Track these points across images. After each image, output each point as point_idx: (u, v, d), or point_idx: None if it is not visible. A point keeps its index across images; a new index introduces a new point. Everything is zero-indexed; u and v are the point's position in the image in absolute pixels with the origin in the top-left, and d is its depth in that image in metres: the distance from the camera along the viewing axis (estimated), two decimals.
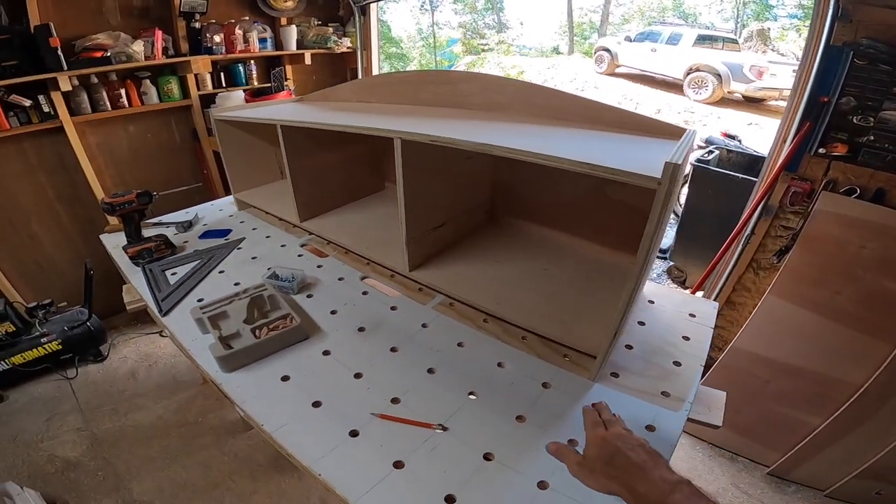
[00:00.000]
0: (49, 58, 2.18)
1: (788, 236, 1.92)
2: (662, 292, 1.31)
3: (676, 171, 0.69)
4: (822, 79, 1.72)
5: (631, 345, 1.07)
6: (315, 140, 1.53)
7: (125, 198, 1.50)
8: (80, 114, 2.45)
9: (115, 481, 2.04)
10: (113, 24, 2.52)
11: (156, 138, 2.88)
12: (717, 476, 2.06)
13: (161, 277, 1.44)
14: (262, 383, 0.99)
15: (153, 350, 2.92)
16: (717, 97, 8.58)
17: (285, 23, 3.16)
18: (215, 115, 1.71)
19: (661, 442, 0.81)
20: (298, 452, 0.82)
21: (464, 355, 1.05)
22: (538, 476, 0.76)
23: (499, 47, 14.56)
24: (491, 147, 0.91)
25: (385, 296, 1.29)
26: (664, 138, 1.02)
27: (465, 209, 1.46)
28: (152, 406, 2.47)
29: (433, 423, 0.86)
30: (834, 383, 1.82)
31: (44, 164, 2.55)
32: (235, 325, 1.11)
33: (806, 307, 1.84)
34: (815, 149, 1.79)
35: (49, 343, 2.52)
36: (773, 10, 12.35)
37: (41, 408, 2.46)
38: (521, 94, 1.30)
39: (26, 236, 2.65)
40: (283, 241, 1.62)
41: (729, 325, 2.26)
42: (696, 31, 9.48)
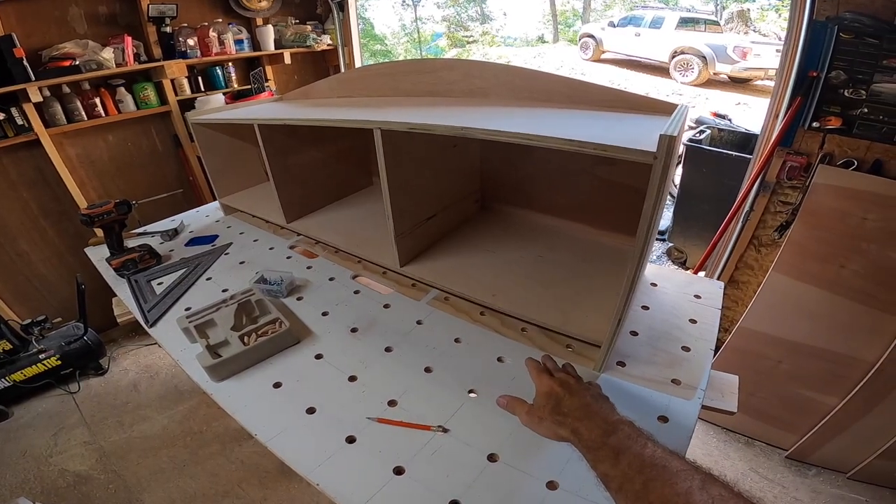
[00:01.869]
0: (15, 69, 2.12)
1: (788, 211, 1.89)
2: (664, 274, 1.27)
3: (672, 144, 0.64)
4: (809, 54, 1.72)
5: (636, 331, 1.03)
6: (297, 138, 1.48)
7: (103, 208, 1.45)
8: (56, 125, 2.38)
9: (127, 494, 2.04)
10: (80, 32, 2.45)
11: (136, 146, 2.81)
12: (735, 462, 2.03)
13: (147, 288, 1.39)
14: (254, 391, 0.95)
15: (153, 361, 2.90)
16: (704, 79, 8.60)
17: (261, 23, 3.09)
18: (192, 118, 1.66)
19: (675, 432, 0.78)
20: (295, 462, 0.79)
21: (462, 351, 1.01)
22: (547, 476, 0.73)
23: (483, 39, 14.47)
24: (473, 131, 0.87)
25: (377, 294, 1.25)
26: (654, 114, 0.98)
27: (455, 199, 1.41)
28: (157, 417, 2.47)
29: (433, 425, 0.82)
30: (847, 361, 1.79)
31: (24, 179, 2.49)
32: (223, 333, 1.07)
33: (811, 283, 1.81)
34: (809, 123, 1.78)
35: (47, 359, 2.52)
36: None
37: (47, 423, 2.47)
38: (502, 78, 1.26)
39: (14, 254, 2.60)
40: (271, 244, 1.58)
41: (734, 304, 2.23)
42: (678, 14, 9.45)
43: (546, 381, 0.71)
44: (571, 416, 0.63)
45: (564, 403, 0.66)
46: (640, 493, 0.48)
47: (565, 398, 0.66)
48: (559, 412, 0.65)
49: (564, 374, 0.73)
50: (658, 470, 0.48)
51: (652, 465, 0.49)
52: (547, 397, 0.68)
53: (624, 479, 0.50)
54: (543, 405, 0.68)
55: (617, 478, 0.51)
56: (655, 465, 0.49)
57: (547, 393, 0.69)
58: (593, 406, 0.63)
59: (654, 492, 0.47)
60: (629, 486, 0.49)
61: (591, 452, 0.57)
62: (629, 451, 0.52)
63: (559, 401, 0.66)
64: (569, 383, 0.69)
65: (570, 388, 0.68)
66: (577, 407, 0.64)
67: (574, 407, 0.64)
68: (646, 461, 0.50)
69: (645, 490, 0.48)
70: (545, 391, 0.70)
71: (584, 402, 0.64)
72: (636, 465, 0.50)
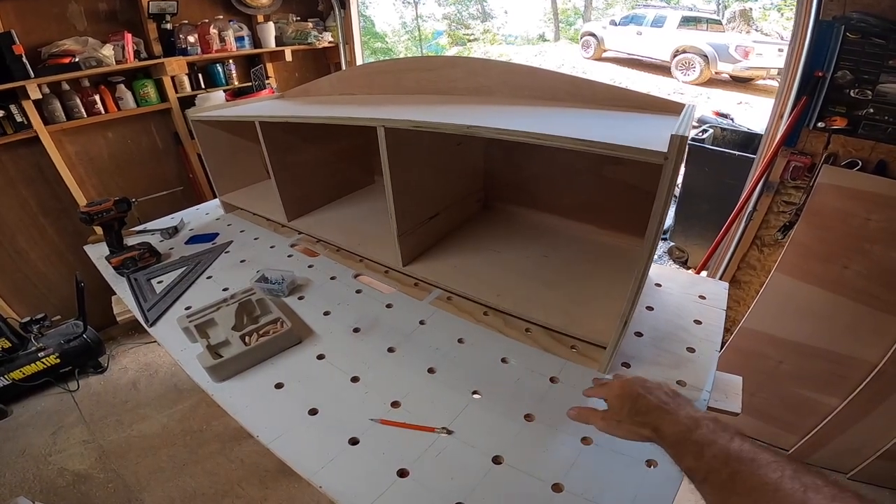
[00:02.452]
0: (15, 66, 2.11)
1: (791, 211, 1.88)
2: (668, 274, 1.26)
3: (684, 145, 0.64)
4: (815, 54, 1.71)
5: (641, 332, 1.02)
6: (298, 136, 1.47)
7: (102, 206, 1.44)
8: (55, 122, 2.37)
9: (126, 493, 2.03)
10: (79, 29, 2.43)
11: (136, 144, 2.80)
12: None
13: (146, 286, 1.38)
14: (255, 392, 0.94)
15: (153, 359, 2.89)
16: (705, 78, 8.57)
17: (262, 20, 3.07)
18: (192, 116, 1.65)
19: None
20: (297, 464, 0.78)
21: (465, 352, 1.00)
22: (552, 478, 0.72)
23: (484, 37, 14.42)
24: (480, 129, 0.85)
25: (380, 293, 1.24)
26: (660, 114, 0.97)
27: (458, 198, 1.40)
28: (156, 416, 2.46)
29: (437, 427, 0.81)
30: (849, 361, 1.78)
31: (23, 176, 2.47)
32: (224, 333, 1.06)
33: (814, 283, 1.80)
34: (814, 123, 1.76)
35: (46, 357, 2.50)
36: None
37: (46, 421, 2.45)
38: (506, 77, 1.25)
39: (13, 252, 2.59)
40: (272, 243, 1.57)
41: (736, 304, 2.22)
42: (680, 13, 9.41)
43: (617, 385, 0.71)
44: (651, 414, 0.63)
45: (641, 403, 0.65)
46: (726, 483, 0.48)
47: (641, 398, 0.66)
48: (637, 412, 0.65)
49: (633, 377, 0.73)
50: (745, 462, 0.48)
51: (739, 458, 0.49)
52: (622, 399, 0.68)
53: (709, 471, 0.51)
54: (620, 408, 0.68)
55: (702, 470, 0.52)
56: (742, 458, 0.49)
57: (621, 395, 0.69)
58: (671, 404, 0.63)
59: (742, 482, 0.47)
60: (715, 476, 0.50)
61: (674, 448, 0.57)
62: (714, 444, 0.52)
63: (635, 401, 0.66)
64: (643, 383, 0.69)
65: (646, 387, 0.67)
66: (656, 406, 0.63)
67: (652, 406, 0.64)
68: (732, 454, 0.50)
69: (732, 480, 0.48)
70: (618, 394, 0.69)
71: (661, 401, 0.64)
72: (722, 458, 0.50)
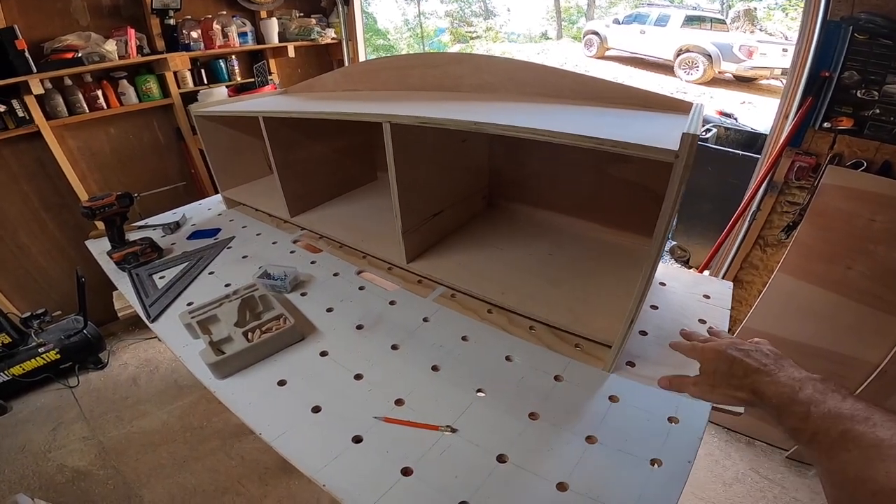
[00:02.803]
0: (17, 61, 2.10)
1: (795, 212, 1.88)
2: (672, 273, 1.25)
3: (695, 143, 0.63)
4: (822, 54, 1.71)
5: (645, 331, 1.02)
6: (301, 131, 1.46)
7: (104, 201, 1.43)
8: (57, 117, 2.37)
9: (126, 489, 2.03)
10: (83, 24, 2.43)
11: (138, 139, 2.80)
12: (736, 461, 2.02)
13: (148, 282, 1.38)
14: (258, 389, 0.94)
15: (153, 355, 2.89)
16: (709, 77, 8.56)
17: (265, 16, 3.07)
18: (195, 111, 1.64)
19: (685, 433, 0.77)
20: (300, 462, 0.77)
21: (469, 350, 1.00)
22: (557, 477, 0.71)
23: (487, 34, 14.38)
24: (486, 126, 0.85)
25: (383, 290, 1.23)
26: (668, 112, 0.97)
27: (463, 196, 1.40)
28: (156, 412, 2.45)
29: (441, 425, 0.81)
30: (850, 362, 1.78)
31: (25, 171, 2.47)
32: (227, 329, 1.05)
33: (817, 283, 1.80)
34: (820, 123, 1.76)
35: (47, 353, 2.50)
36: None
37: (46, 417, 2.45)
38: (512, 73, 1.24)
39: (14, 247, 2.59)
40: (274, 238, 1.56)
41: (738, 304, 2.21)
42: (684, 12, 9.39)
43: (710, 349, 0.68)
44: (749, 377, 0.61)
45: (738, 366, 0.62)
46: (836, 441, 0.46)
47: (738, 362, 0.63)
48: (734, 375, 0.63)
49: (727, 338, 0.70)
50: (859, 421, 0.46)
51: (851, 417, 0.47)
52: (716, 363, 0.66)
53: (816, 431, 0.49)
54: (713, 372, 0.66)
55: (808, 430, 0.50)
56: (855, 417, 0.47)
57: (715, 359, 0.66)
58: (770, 365, 0.60)
59: (853, 440, 0.45)
60: (824, 437, 0.48)
61: (777, 410, 0.56)
62: (823, 404, 0.50)
63: (731, 364, 0.63)
64: (738, 346, 0.66)
65: (742, 350, 0.64)
66: (755, 369, 0.61)
67: (751, 369, 0.61)
68: (843, 413, 0.48)
69: (843, 439, 0.46)
70: (712, 357, 0.67)
71: (760, 363, 0.61)
72: (832, 417, 0.48)
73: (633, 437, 0.77)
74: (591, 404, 0.84)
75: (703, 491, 1.91)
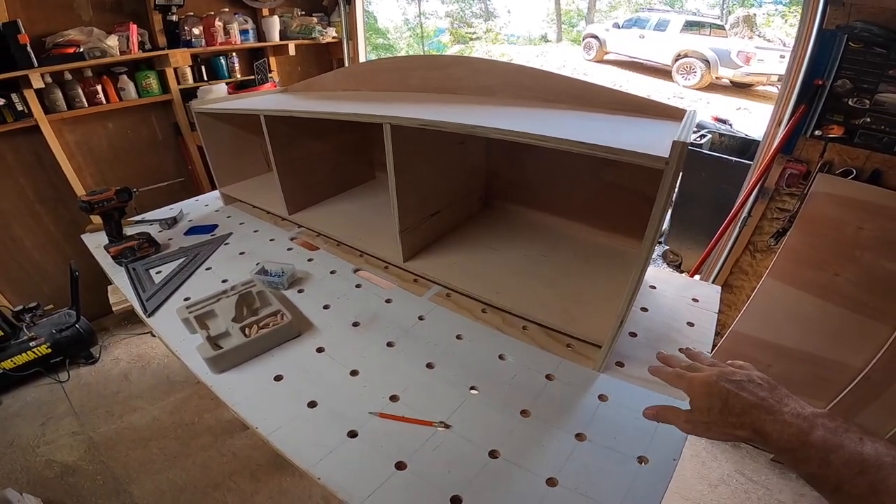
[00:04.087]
0: (19, 55, 2.10)
1: (785, 218, 1.91)
2: (662, 277, 1.28)
3: (685, 151, 0.65)
4: (816, 62, 1.74)
5: (635, 332, 1.04)
6: (301, 130, 1.48)
7: (103, 195, 1.44)
8: (56, 111, 2.36)
9: (115, 485, 2.02)
10: (85, 19, 2.42)
11: (136, 134, 2.79)
12: (721, 463, 2.05)
13: (145, 277, 1.38)
14: (255, 384, 0.95)
15: (145, 350, 2.86)
16: (706, 83, 8.60)
17: (267, 14, 3.07)
18: (196, 107, 1.65)
19: (670, 434, 0.78)
20: (296, 456, 0.79)
21: (463, 348, 1.02)
22: (547, 472, 0.73)
23: (486, 36, 14.40)
24: (485, 129, 0.87)
25: (379, 288, 1.25)
26: (661, 119, 0.99)
27: (460, 196, 1.42)
28: (147, 408, 2.44)
29: (435, 421, 0.83)
30: (835, 366, 1.81)
31: (21, 164, 2.46)
32: (224, 324, 1.07)
33: (804, 289, 1.83)
34: (811, 131, 1.79)
35: (38, 346, 2.48)
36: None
37: (35, 412, 2.43)
38: (511, 77, 1.26)
39: (8, 239, 2.58)
40: (271, 235, 1.57)
41: (727, 308, 2.25)
42: (684, 18, 9.45)
43: (700, 381, 0.61)
44: (748, 415, 0.55)
45: (734, 402, 0.56)
46: (866, 494, 0.43)
47: (733, 396, 0.57)
48: (731, 412, 0.56)
49: (717, 369, 0.62)
50: (887, 469, 0.43)
51: (878, 465, 0.43)
52: (709, 399, 0.59)
53: (842, 481, 0.45)
54: (707, 408, 0.59)
55: (831, 479, 0.46)
56: (882, 465, 0.43)
57: (706, 393, 0.59)
58: (769, 399, 0.55)
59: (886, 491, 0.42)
60: (851, 487, 0.44)
61: (787, 454, 0.51)
62: (842, 448, 0.46)
63: (726, 399, 0.57)
64: (729, 377, 0.59)
65: (735, 382, 0.58)
66: (752, 404, 0.55)
67: (748, 405, 0.55)
68: (868, 460, 0.44)
69: (875, 491, 0.43)
70: (702, 391, 0.60)
71: (758, 397, 0.55)
72: (856, 465, 0.45)
73: (621, 435, 0.79)
74: (581, 403, 0.86)
75: (689, 492, 1.93)
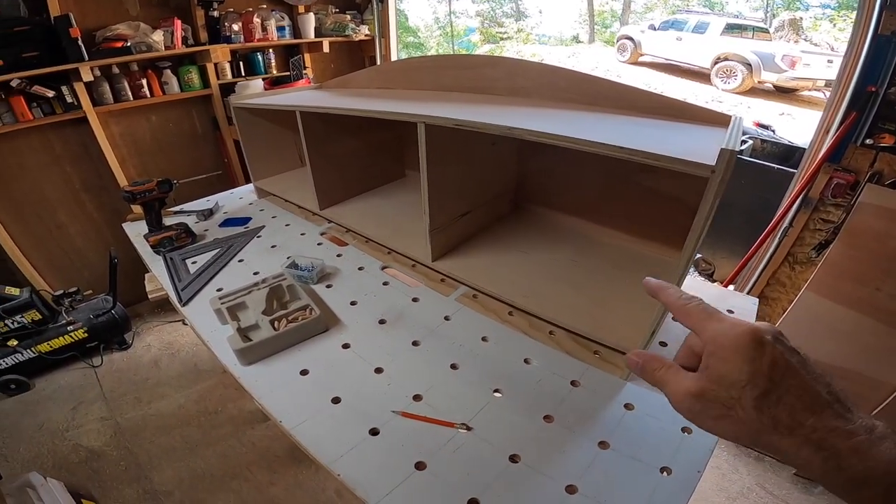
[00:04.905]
0: (70, 49, 2.19)
1: (828, 230, 1.83)
2: (696, 286, 1.24)
3: (733, 159, 0.63)
4: (870, 68, 1.68)
5: (665, 342, 1.01)
6: (335, 126, 1.49)
7: (145, 186, 1.49)
8: (103, 104, 2.47)
9: (137, 471, 2.06)
10: (132, 14, 2.52)
11: (177, 127, 2.89)
12: (743, 476, 1.99)
13: (181, 266, 1.42)
14: (281, 377, 0.96)
15: (176, 338, 2.94)
16: (747, 87, 8.32)
17: (303, 11, 3.13)
18: (234, 102, 1.69)
19: (697, 445, 0.77)
20: (317, 450, 0.79)
21: (488, 350, 1.01)
22: (566, 480, 0.72)
23: (517, 36, 14.29)
24: (521, 131, 0.86)
25: (406, 286, 1.25)
26: (705, 124, 0.95)
27: (490, 197, 1.41)
28: (174, 395, 2.49)
29: (456, 423, 0.82)
30: (870, 383, 1.74)
31: (69, 154, 2.58)
32: (254, 317, 1.08)
33: (844, 303, 1.75)
34: (861, 139, 1.71)
35: (75, 331, 2.54)
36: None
37: (67, 396, 2.49)
38: (546, 78, 1.24)
39: (53, 226, 2.70)
40: (302, 230, 1.60)
41: (760, 319, 2.16)
42: (725, 20, 9.16)
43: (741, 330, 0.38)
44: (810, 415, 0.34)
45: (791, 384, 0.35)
46: None
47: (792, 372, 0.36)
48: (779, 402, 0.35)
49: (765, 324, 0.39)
50: None
51: None
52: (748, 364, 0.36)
53: None
54: (736, 380, 0.37)
55: None
56: None
57: (745, 357, 0.37)
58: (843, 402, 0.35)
59: None
60: None
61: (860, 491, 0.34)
62: None
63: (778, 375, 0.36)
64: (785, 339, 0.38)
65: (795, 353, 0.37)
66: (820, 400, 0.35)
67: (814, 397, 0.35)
68: None
69: None
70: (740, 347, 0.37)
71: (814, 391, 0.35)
72: None
73: (645, 445, 0.77)
74: (606, 410, 0.84)
75: None
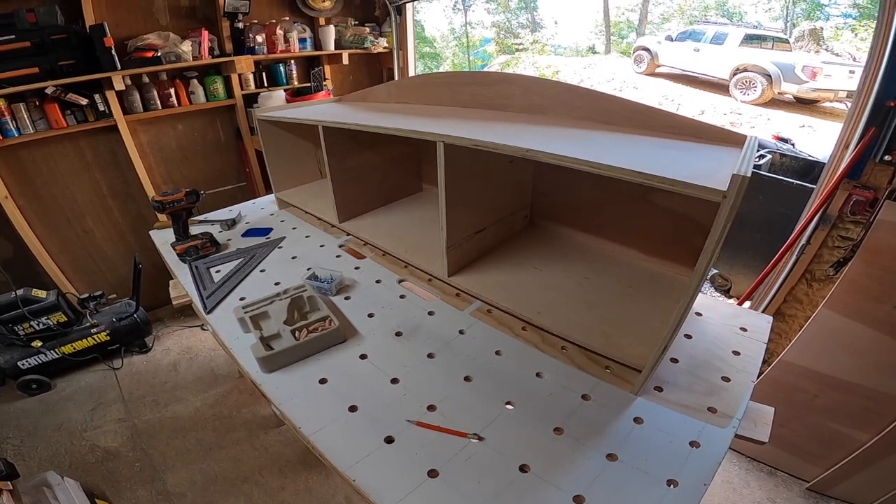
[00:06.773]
0: (104, 57, 2.26)
1: (847, 247, 1.81)
2: (709, 303, 1.25)
3: (744, 185, 0.65)
4: (889, 82, 1.64)
5: (676, 358, 1.02)
6: (355, 141, 1.54)
7: (174, 196, 1.55)
8: (133, 112, 2.55)
9: (151, 472, 2.10)
10: (162, 23, 2.61)
11: (202, 136, 2.97)
12: (754, 490, 1.97)
13: (206, 275, 1.48)
14: (301, 385, 1.00)
15: (194, 343, 3.00)
16: (767, 98, 8.20)
17: (324, 23, 3.21)
18: (259, 114, 1.75)
19: (705, 458, 0.79)
20: (334, 457, 0.82)
21: (501, 364, 1.03)
22: (575, 490, 0.74)
23: (533, 47, 14.34)
24: (540, 154, 0.89)
25: (422, 300, 1.28)
26: (720, 145, 0.97)
27: (506, 214, 1.43)
28: (191, 399, 2.53)
29: (469, 433, 0.85)
30: (886, 399, 1.71)
31: (99, 161, 2.66)
32: (276, 326, 1.13)
33: (861, 321, 1.73)
34: (881, 155, 1.69)
35: (98, 333, 2.62)
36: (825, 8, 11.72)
37: (87, 397, 2.55)
38: (562, 97, 1.27)
39: (81, 231, 2.78)
40: (321, 241, 1.64)
41: (777, 337, 2.15)
42: (744, 31, 9.06)
43: None
44: None
45: None
46: None
47: None
48: None
49: None
50: None
51: None
52: None
53: None
54: None
55: None
56: None
57: None
58: None
59: None
60: None
61: None
62: None
63: None
64: None
65: None
66: None
67: None
68: None
69: None
70: None
71: None
72: None
73: (653, 458, 0.79)
74: (615, 424, 0.86)
75: None
